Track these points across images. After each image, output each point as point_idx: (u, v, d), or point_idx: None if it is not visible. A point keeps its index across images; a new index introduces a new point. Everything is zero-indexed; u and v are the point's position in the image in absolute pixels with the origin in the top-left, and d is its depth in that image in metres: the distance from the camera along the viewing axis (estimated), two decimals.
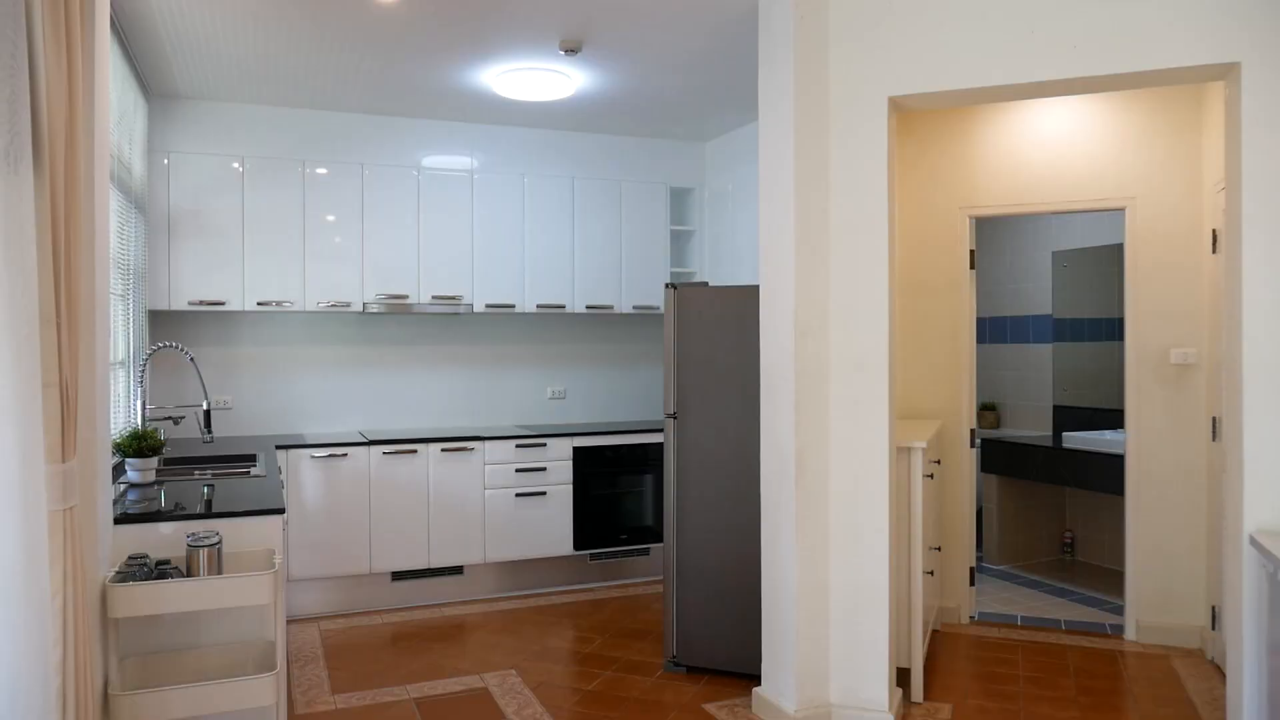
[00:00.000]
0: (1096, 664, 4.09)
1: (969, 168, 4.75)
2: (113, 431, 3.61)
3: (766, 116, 3.53)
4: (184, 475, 3.78)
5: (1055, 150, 4.62)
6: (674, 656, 4.01)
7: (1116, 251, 5.80)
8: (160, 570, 2.53)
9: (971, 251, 4.75)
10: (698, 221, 5.99)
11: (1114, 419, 5.76)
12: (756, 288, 3.82)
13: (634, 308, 5.74)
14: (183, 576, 2.55)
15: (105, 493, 2.58)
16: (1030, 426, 6.34)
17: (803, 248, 3.38)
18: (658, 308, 5.80)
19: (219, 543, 2.57)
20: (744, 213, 5.55)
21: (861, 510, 3.37)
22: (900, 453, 3.63)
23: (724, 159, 5.84)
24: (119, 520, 2.71)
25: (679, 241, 6.04)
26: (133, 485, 3.29)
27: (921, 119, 4.80)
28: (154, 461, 3.33)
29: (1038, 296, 6.32)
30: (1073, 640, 4.41)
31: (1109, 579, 5.55)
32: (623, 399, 6.07)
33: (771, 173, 3.50)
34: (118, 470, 3.42)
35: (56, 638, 2.05)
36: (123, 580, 2.46)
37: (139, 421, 3.95)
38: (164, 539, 2.75)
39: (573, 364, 5.95)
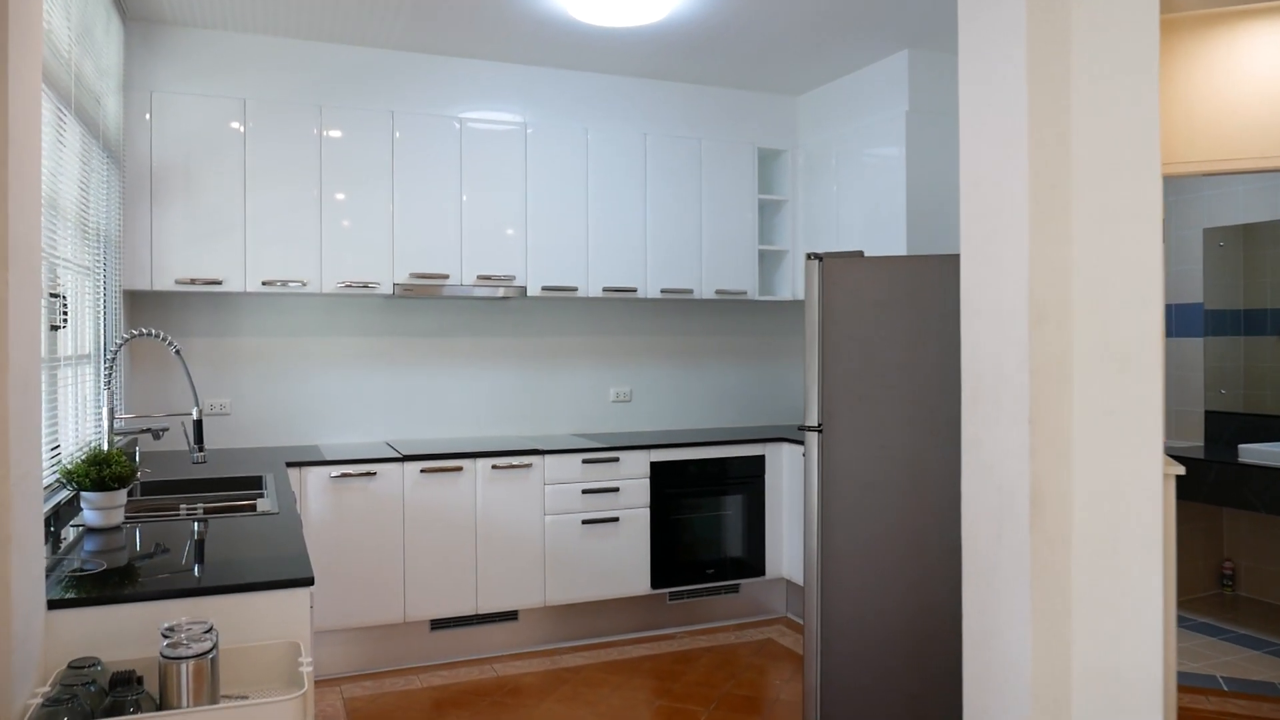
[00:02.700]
0: None
1: (1161, 113, 3.75)
2: (66, 452, 2.62)
3: (970, 25, 2.55)
4: (165, 512, 2.80)
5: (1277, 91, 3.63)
6: None
7: None
8: (115, 697, 1.54)
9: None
10: (789, 189, 5.01)
11: None
12: (941, 258, 2.85)
13: (716, 292, 4.75)
14: (154, 708, 1.56)
15: (29, 563, 1.60)
16: (1173, 435, 5.37)
17: (1039, 198, 2.40)
18: (745, 293, 4.82)
19: (213, 649, 1.58)
20: (849, 179, 4.57)
21: (1122, 565, 2.39)
22: None
23: (820, 116, 4.86)
24: (57, 604, 1.73)
25: (765, 213, 5.06)
26: (90, 531, 2.31)
27: None
28: (121, 496, 2.35)
29: (1184, 282, 5.35)
30: None
31: None
32: (698, 402, 5.09)
33: (981, 97, 2.52)
34: (69, 509, 2.44)
35: None
36: (51, 717, 1.48)
37: (105, 437, 2.96)
38: (128, 628, 1.76)
39: (641, 360, 4.96)
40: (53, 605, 1.71)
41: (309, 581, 1.88)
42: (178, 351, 3.00)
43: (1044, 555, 2.39)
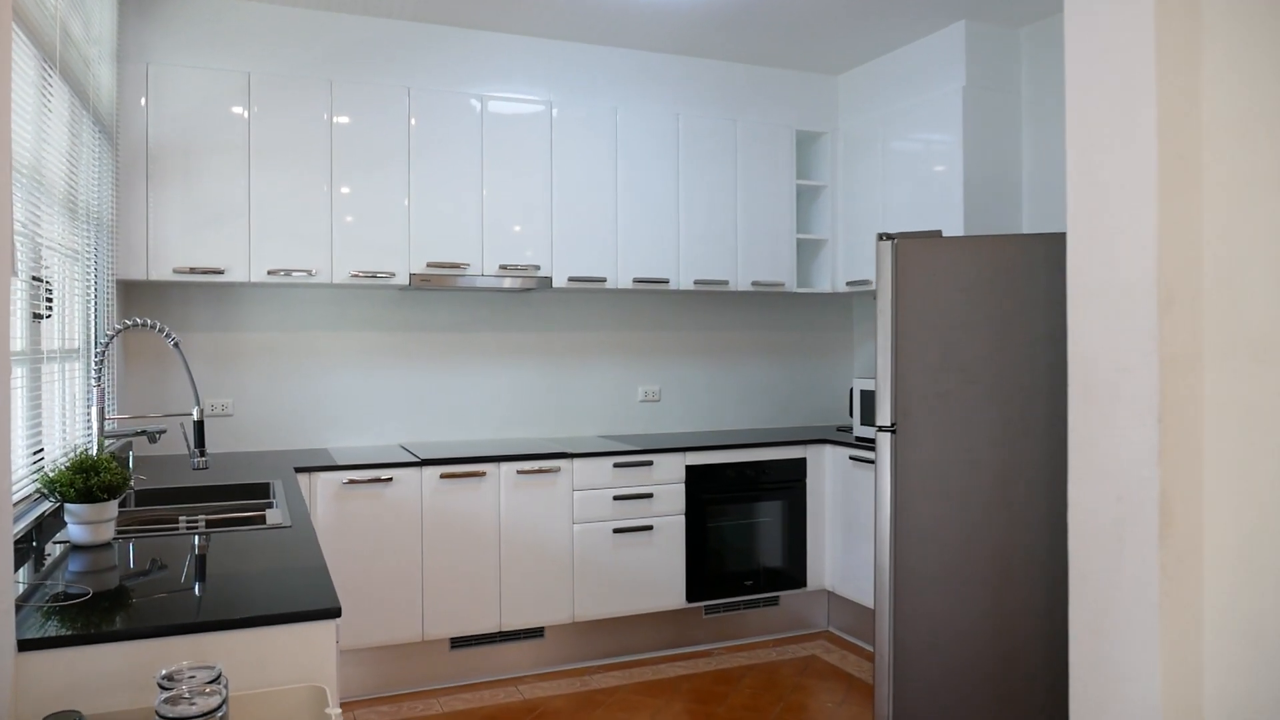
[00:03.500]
0: None
1: None
2: (51, 457, 2.31)
3: None
4: (161, 525, 2.49)
5: None
6: None
7: None
8: None
9: None
10: (828, 174, 4.70)
11: None
12: (1036, 237, 2.55)
13: (753, 284, 4.44)
14: None
15: None
16: None
17: (1167, 164, 2.10)
18: (782, 284, 4.51)
19: (221, 705, 1.27)
20: (896, 162, 4.25)
21: (1264, 583, 2.09)
22: None
23: (863, 95, 4.55)
24: (30, 644, 1.41)
25: (802, 200, 4.74)
26: (75, 549, 2.00)
27: None
28: (111, 508, 2.04)
29: None
30: None
31: None
32: (730, 401, 4.77)
33: (1094, 52, 2.21)
34: (54, 521, 2.13)
35: None
36: None
37: (95, 440, 2.65)
38: (117, 672, 1.45)
39: (670, 356, 4.65)
40: (24, 646, 1.40)
41: (335, 613, 1.57)
42: (176, 344, 2.69)
43: (1174, 572, 2.08)
